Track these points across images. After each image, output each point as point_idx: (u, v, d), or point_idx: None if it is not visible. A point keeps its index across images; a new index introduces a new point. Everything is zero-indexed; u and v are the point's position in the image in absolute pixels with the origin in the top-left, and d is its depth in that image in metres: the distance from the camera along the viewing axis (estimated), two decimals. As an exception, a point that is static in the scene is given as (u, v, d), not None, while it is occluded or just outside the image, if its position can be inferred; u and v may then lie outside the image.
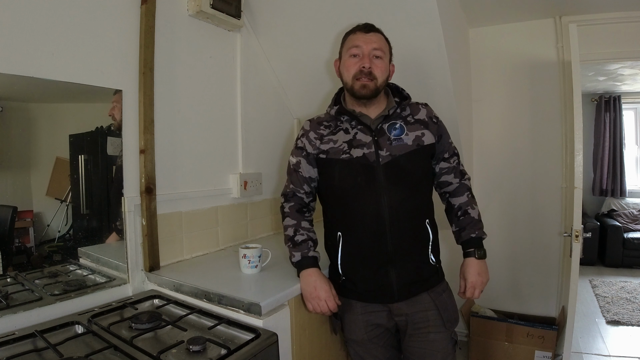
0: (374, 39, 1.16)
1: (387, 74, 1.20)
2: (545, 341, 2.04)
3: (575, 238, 1.69)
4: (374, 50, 1.15)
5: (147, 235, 1.33)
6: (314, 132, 1.24)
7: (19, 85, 1.04)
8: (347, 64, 1.18)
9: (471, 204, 1.26)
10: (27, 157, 1.09)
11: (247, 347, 0.91)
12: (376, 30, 1.19)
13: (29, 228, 1.08)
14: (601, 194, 4.71)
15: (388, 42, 1.22)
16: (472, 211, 1.25)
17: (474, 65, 2.49)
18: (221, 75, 1.68)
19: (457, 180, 1.26)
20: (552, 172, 2.37)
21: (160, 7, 1.37)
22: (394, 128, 1.18)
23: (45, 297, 1.07)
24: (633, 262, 4.12)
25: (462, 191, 1.26)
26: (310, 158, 1.23)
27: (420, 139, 1.18)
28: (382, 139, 1.16)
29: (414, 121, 1.20)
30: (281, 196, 1.31)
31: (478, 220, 1.24)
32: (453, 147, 1.28)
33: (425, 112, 1.23)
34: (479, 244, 1.23)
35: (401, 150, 1.15)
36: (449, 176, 1.26)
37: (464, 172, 1.29)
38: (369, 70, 1.14)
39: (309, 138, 1.23)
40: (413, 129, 1.18)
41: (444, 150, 1.24)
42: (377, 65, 1.16)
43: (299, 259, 1.19)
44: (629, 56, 2.28)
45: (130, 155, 1.31)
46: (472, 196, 1.28)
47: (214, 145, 1.65)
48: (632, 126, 4.94)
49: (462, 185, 1.27)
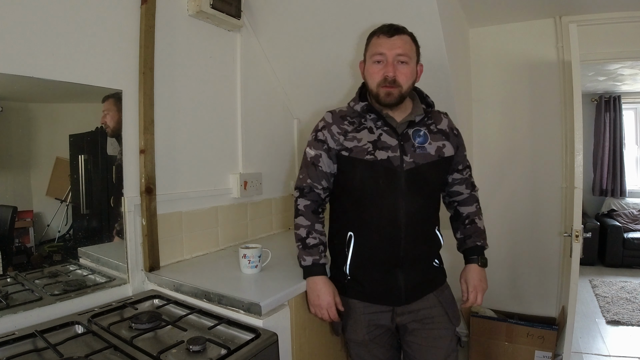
0: (398, 43, 1.11)
1: (413, 79, 1.15)
2: (545, 341, 2.04)
3: (575, 238, 1.69)
4: (398, 57, 1.11)
5: (147, 235, 1.33)
6: (337, 126, 1.19)
7: (19, 85, 1.04)
8: (371, 70, 1.14)
9: (478, 215, 1.30)
10: (27, 157, 1.08)
11: (247, 347, 0.91)
12: (401, 32, 1.13)
13: (29, 228, 1.08)
14: (601, 194, 4.71)
15: (415, 42, 1.16)
16: (479, 222, 1.29)
17: (474, 65, 2.49)
18: (221, 75, 1.68)
19: (468, 191, 1.30)
20: (552, 172, 2.37)
21: (160, 7, 1.37)
22: (418, 135, 1.17)
23: (45, 297, 1.07)
24: (633, 262, 4.12)
25: (472, 202, 1.30)
26: (332, 153, 1.19)
27: (442, 150, 1.18)
28: (407, 144, 1.15)
29: (437, 131, 1.20)
30: (295, 189, 1.25)
31: (483, 230, 1.29)
32: (466, 160, 1.30)
33: (447, 122, 1.24)
34: (482, 252, 1.27)
35: (424, 159, 1.14)
36: (461, 187, 1.30)
37: (474, 185, 1.33)
38: (394, 79, 1.11)
39: (332, 132, 1.18)
40: (435, 139, 1.18)
41: (459, 162, 1.26)
42: (402, 72, 1.12)
43: (309, 264, 1.18)
44: (629, 56, 2.28)
45: (130, 155, 1.31)
46: (480, 208, 1.32)
47: (214, 145, 1.65)
48: (632, 126, 4.93)
49: (472, 197, 1.31)
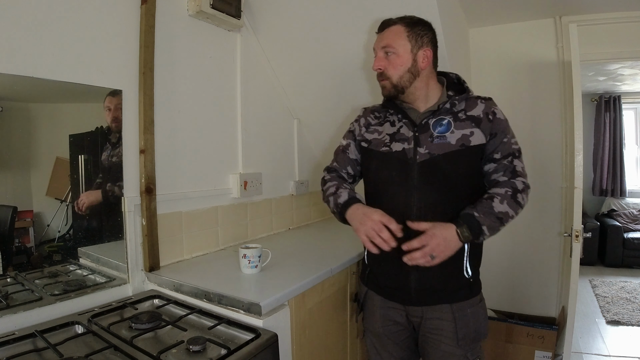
0: (385, 35, 1.12)
1: (405, 67, 1.10)
2: (545, 341, 2.04)
3: (575, 238, 1.69)
4: (383, 49, 1.12)
5: (147, 235, 1.33)
6: (364, 118, 1.25)
7: (19, 85, 1.04)
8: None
9: (502, 199, 1.04)
10: (27, 157, 1.08)
11: (247, 347, 0.91)
12: (390, 24, 1.13)
13: (29, 228, 1.08)
14: (601, 194, 4.71)
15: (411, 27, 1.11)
16: (498, 204, 1.03)
17: (474, 65, 2.49)
18: (221, 75, 1.68)
19: (506, 178, 1.09)
20: (552, 172, 2.37)
21: (160, 7, 1.37)
22: (440, 124, 1.10)
23: (45, 297, 1.07)
24: (633, 262, 4.12)
25: (505, 185, 1.07)
26: (357, 143, 1.25)
27: (468, 138, 1.07)
28: (423, 135, 1.10)
29: (465, 117, 1.09)
30: (324, 170, 1.32)
31: (494, 213, 1.02)
32: (512, 148, 1.10)
33: (483, 107, 1.10)
34: (473, 228, 1.01)
35: (442, 150, 1.07)
36: (498, 174, 1.09)
37: (518, 173, 1.09)
38: (380, 72, 1.12)
39: (360, 123, 1.25)
40: (461, 127, 1.08)
41: (495, 149, 1.09)
42: (389, 62, 1.11)
43: (346, 198, 1.15)
44: (629, 56, 2.28)
45: (130, 155, 1.31)
46: (513, 196, 1.05)
47: (214, 145, 1.65)
48: (632, 126, 4.93)
49: (508, 182, 1.08)
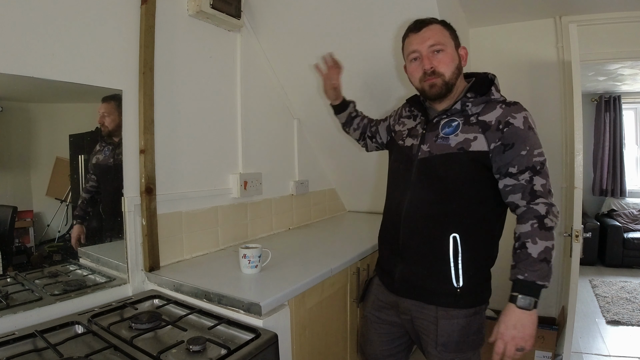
0: (427, 34, 1.10)
1: (455, 63, 1.10)
2: (545, 341, 2.04)
3: (575, 238, 1.69)
4: (430, 47, 1.09)
5: (147, 235, 1.33)
6: (402, 109, 1.36)
7: (19, 85, 1.04)
8: (411, 69, 1.15)
9: (533, 237, 0.97)
10: (27, 157, 1.08)
11: (247, 347, 0.91)
12: (429, 23, 1.12)
13: (29, 228, 1.08)
14: (601, 194, 4.71)
15: (448, 27, 1.13)
16: (532, 246, 0.97)
17: (474, 65, 2.49)
18: (221, 75, 1.68)
19: (525, 202, 1.01)
20: (552, 172, 2.35)
21: (160, 7, 1.37)
22: (448, 125, 1.09)
23: (45, 297, 1.07)
24: (633, 262, 4.12)
25: (527, 218, 1.00)
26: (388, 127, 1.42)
27: (469, 142, 1.04)
28: (430, 133, 1.12)
29: (475, 122, 1.05)
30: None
31: (537, 260, 0.96)
32: (532, 162, 1.00)
33: (500, 113, 1.03)
34: (530, 289, 0.96)
35: (440, 150, 1.07)
36: (515, 196, 1.02)
37: (537, 194, 1.00)
38: (432, 70, 1.09)
39: (396, 113, 1.39)
40: (467, 130, 1.05)
41: (510, 163, 1.01)
42: (440, 60, 1.09)
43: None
44: (629, 56, 2.28)
45: (130, 155, 1.31)
46: (541, 227, 0.98)
47: (214, 145, 1.65)
48: (632, 126, 4.93)
49: (529, 210, 1.00)
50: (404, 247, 1.14)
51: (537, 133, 1.04)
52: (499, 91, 1.12)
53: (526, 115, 1.03)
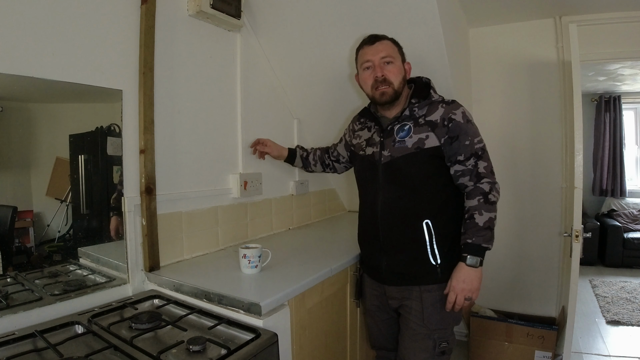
0: (380, 47, 1.25)
1: (402, 75, 1.27)
2: (545, 341, 2.04)
3: (575, 238, 1.69)
4: (382, 59, 1.25)
5: (147, 235, 1.33)
6: (352, 124, 1.52)
7: (19, 85, 1.04)
8: (363, 77, 1.30)
9: (480, 210, 1.19)
10: (27, 157, 1.08)
11: (247, 347, 0.91)
12: (381, 38, 1.27)
13: (29, 228, 1.08)
14: (601, 194, 4.72)
15: (396, 44, 1.29)
16: (479, 217, 1.19)
17: (474, 65, 2.49)
18: (221, 75, 1.68)
19: (472, 183, 1.23)
20: (552, 172, 2.37)
21: (160, 7, 1.37)
22: (402, 130, 1.25)
23: (45, 297, 1.07)
24: (633, 262, 4.12)
25: (475, 194, 1.21)
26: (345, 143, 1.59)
27: (423, 141, 1.21)
28: (388, 140, 1.27)
29: (424, 122, 1.23)
30: None
31: (482, 227, 1.18)
32: (474, 149, 1.21)
33: (442, 112, 1.22)
34: (476, 251, 1.18)
35: (400, 152, 1.23)
36: (465, 178, 1.23)
37: (482, 175, 1.22)
38: (383, 78, 1.24)
39: (348, 130, 1.55)
40: (419, 131, 1.22)
41: (457, 152, 1.21)
42: (390, 71, 1.25)
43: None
44: (629, 56, 2.28)
45: (130, 155, 1.31)
46: (486, 201, 1.20)
47: (214, 145, 1.65)
48: (632, 126, 4.94)
49: (476, 189, 1.22)
50: (385, 242, 1.29)
51: (474, 123, 1.25)
52: (436, 92, 1.30)
53: (463, 110, 1.23)
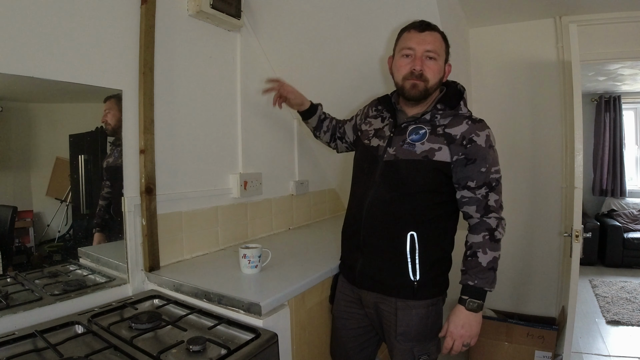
0: (429, 39, 1.11)
1: (440, 76, 1.14)
2: (545, 341, 2.04)
3: (575, 238, 1.69)
4: (427, 52, 1.11)
5: (147, 235, 1.33)
6: (368, 108, 1.36)
7: (19, 85, 1.04)
8: (399, 63, 1.15)
9: (484, 247, 1.08)
10: (27, 157, 1.09)
11: (247, 347, 0.91)
12: (432, 28, 1.13)
13: (29, 228, 1.08)
14: (601, 194, 4.71)
15: (445, 41, 1.16)
16: (482, 256, 1.07)
17: (474, 65, 2.49)
18: (221, 75, 1.68)
19: (479, 215, 1.10)
20: (552, 172, 2.38)
21: (160, 7, 1.37)
22: (416, 132, 1.13)
23: (45, 297, 1.07)
24: (633, 262, 4.12)
25: (480, 229, 1.09)
26: (355, 126, 1.43)
27: (433, 152, 1.09)
28: (397, 137, 1.15)
29: (442, 133, 1.10)
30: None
31: (485, 268, 1.07)
32: (489, 179, 1.09)
33: (465, 129, 1.08)
34: (477, 294, 1.07)
35: (406, 156, 1.11)
36: (470, 207, 1.11)
37: (490, 209, 1.09)
38: (420, 73, 1.10)
39: (362, 112, 1.40)
40: (433, 140, 1.10)
41: (470, 177, 1.08)
42: (430, 67, 1.11)
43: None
44: (629, 56, 2.28)
45: (130, 155, 1.31)
46: (491, 239, 1.08)
47: (214, 145, 1.65)
48: (632, 126, 4.94)
49: (482, 223, 1.09)
50: (364, 243, 1.19)
51: (496, 150, 1.12)
52: (466, 105, 1.17)
53: (488, 133, 1.10)
